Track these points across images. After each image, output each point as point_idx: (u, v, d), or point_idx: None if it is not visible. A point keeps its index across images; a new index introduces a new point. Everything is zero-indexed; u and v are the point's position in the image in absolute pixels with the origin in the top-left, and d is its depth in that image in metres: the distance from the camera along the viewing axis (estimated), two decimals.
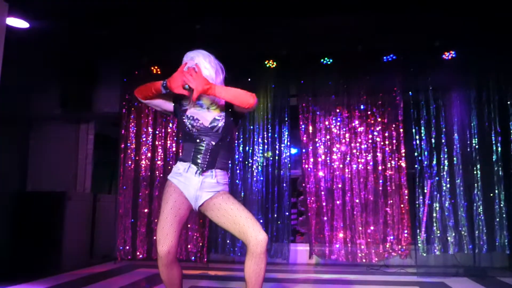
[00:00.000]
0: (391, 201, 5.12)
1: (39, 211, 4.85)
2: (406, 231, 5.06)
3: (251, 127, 5.44)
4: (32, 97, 5.47)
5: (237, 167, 5.42)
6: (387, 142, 5.23)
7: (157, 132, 5.55)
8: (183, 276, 2.43)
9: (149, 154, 5.49)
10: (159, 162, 5.47)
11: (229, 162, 2.51)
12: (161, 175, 5.42)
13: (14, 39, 3.93)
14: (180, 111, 2.48)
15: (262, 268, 2.30)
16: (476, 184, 4.91)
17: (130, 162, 5.48)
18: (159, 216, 2.35)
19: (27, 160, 5.31)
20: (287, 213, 5.33)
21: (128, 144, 5.52)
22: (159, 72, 5.48)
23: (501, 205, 4.83)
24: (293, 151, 6.28)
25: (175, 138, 5.50)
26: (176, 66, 2.38)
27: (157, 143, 5.52)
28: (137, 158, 5.49)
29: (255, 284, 2.32)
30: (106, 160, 7.65)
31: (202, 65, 2.39)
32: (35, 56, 5.09)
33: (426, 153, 5.06)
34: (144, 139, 5.52)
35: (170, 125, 5.54)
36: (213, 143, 2.41)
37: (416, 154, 5.08)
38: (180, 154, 2.90)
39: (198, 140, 2.41)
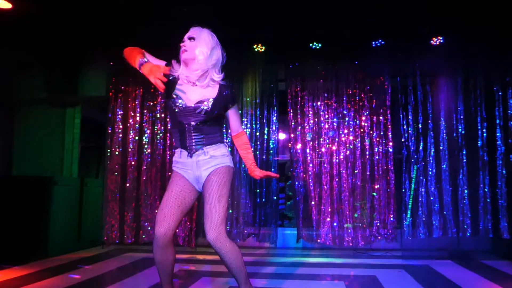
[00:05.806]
0: (378, 186, 5.17)
1: (25, 195, 4.79)
2: (392, 215, 5.12)
3: (239, 111, 5.41)
4: (17, 80, 5.36)
5: None
6: (374, 127, 5.25)
7: (144, 116, 5.50)
8: (175, 261, 2.44)
9: (136, 138, 5.45)
10: (146, 146, 5.43)
11: (221, 133, 2.50)
12: (149, 159, 5.39)
13: None
14: (169, 81, 2.36)
15: (231, 260, 2.31)
16: (461, 169, 4.98)
17: (117, 146, 5.43)
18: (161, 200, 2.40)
19: (12, 144, 5.22)
20: (275, 198, 5.36)
21: (115, 129, 5.47)
22: None
23: (486, 189, 4.91)
24: (281, 135, 6.28)
25: (163, 122, 5.45)
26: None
27: (144, 127, 5.48)
28: (124, 142, 5.45)
29: (235, 274, 2.36)
30: (93, 144, 7.59)
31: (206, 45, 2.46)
32: (19, 38, 4.97)
33: (413, 138, 5.12)
34: (131, 123, 5.47)
35: (158, 109, 5.49)
36: (194, 124, 2.38)
37: (403, 139, 5.13)
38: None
39: (180, 122, 2.39)
